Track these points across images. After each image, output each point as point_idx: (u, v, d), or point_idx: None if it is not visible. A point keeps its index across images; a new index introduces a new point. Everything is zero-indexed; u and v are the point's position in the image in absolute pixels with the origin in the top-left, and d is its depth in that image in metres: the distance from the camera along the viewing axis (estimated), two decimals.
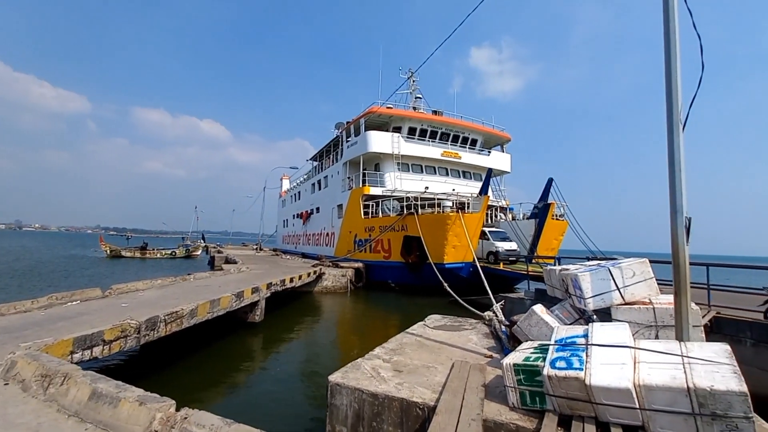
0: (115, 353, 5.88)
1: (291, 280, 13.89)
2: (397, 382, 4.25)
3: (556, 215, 18.41)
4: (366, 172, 22.15)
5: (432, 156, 23.07)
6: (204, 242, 49.37)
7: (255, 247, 40.16)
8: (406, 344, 5.88)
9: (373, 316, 14.51)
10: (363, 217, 21.05)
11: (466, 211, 16.27)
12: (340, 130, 26.25)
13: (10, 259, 31.38)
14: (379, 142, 21.65)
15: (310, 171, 35.80)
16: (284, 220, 44.18)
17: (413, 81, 27.17)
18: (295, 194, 39.56)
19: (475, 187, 21.02)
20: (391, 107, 23.10)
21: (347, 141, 24.11)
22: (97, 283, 14.61)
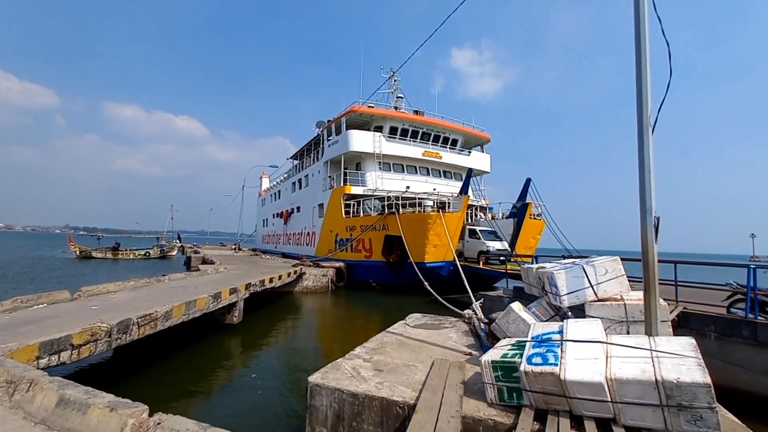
0: (85, 358, 5.65)
1: (270, 280, 13.68)
2: (377, 381, 4.25)
3: (534, 215, 18.82)
4: (347, 171, 22.05)
5: (413, 155, 23.17)
6: (180, 242, 47.92)
7: (233, 246, 39.36)
8: (387, 343, 5.90)
9: (354, 316, 14.47)
10: (344, 216, 20.94)
11: (446, 211, 16.45)
12: (321, 129, 25.99)
13: None
14: (360, 141, 21.59)
15: (290, 170, 35.28)
16: (264, 220, 43.49)
17: (395, 80, 27.18)
18: (275, 193, 38.98)
19: (456, 187, 21.27)
20: (373, 106, 23.04)
21: (328, 140, 23.93)
22: (66, 285, 13.98)
